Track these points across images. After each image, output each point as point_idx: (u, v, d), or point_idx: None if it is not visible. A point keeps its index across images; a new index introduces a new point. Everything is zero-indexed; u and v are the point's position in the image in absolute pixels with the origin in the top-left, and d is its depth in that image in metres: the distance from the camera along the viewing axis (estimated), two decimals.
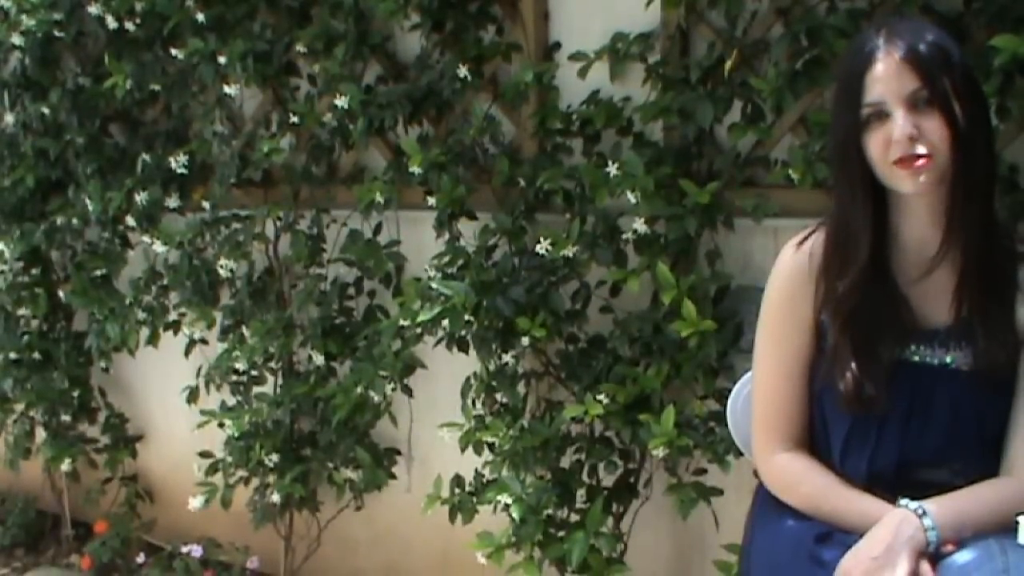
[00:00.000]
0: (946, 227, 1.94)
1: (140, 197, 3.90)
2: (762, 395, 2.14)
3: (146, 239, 3.90)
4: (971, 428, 1.95)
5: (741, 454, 2.46)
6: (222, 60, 3.63)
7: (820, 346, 2.05)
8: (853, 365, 1.96)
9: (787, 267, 2.09)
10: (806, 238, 2.08)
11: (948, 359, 1.97)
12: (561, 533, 2.94)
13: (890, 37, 1.89)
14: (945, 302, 1.98)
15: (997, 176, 2.08)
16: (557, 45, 3.22)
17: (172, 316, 4.00)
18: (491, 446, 3.10)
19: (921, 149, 1.86)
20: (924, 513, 1.82)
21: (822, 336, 2.04)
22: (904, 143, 1.86)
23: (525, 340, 3.03)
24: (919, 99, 1.87)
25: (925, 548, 1.81)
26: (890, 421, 1.96)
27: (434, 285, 3.04)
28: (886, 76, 1.87)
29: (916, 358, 1.98)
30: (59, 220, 4.24)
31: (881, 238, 1.98)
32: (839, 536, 1.92)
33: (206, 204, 3.85)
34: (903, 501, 1.86)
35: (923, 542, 1.81)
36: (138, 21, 3.86)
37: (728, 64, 2.79)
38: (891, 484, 1.96)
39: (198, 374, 3.94)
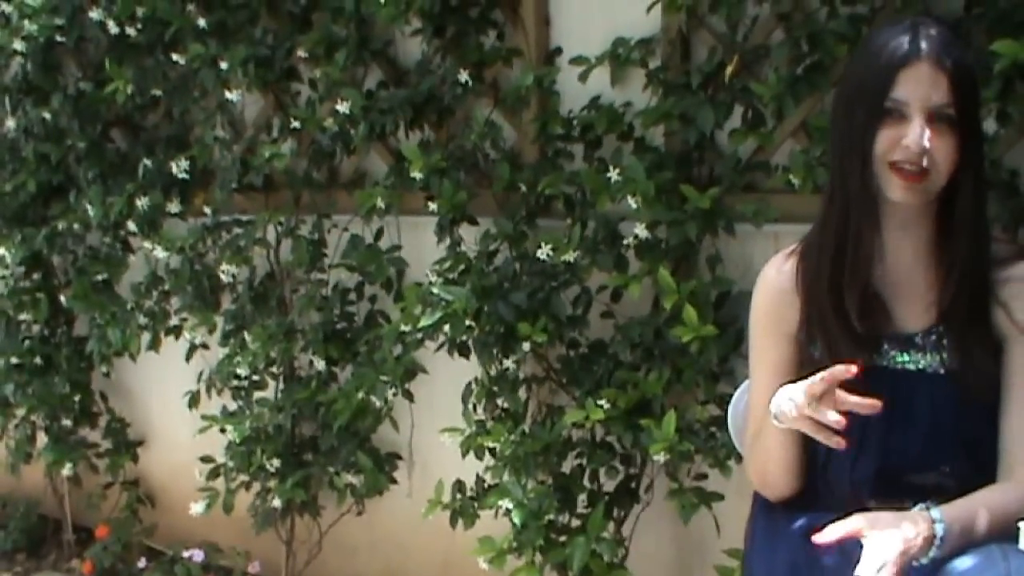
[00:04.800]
0: (937, 247, 1.96)
1: (141, 202, 3.90)
2: (753, 403, 2.15)
3: (147, 244, 3.91)
4: (953, 432, 1.95)
5: (742, 459, 2.46)
6: (223, 65, 3.63)
7: (806, 356, 2.05)
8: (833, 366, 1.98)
9: (769, 285, 2.11)
10: (788, 256, 2.09)
11: (923, 363, 1.97)
12: (562, 538, 2.94)
13: (932, 43, 1.86)
14: (922, 306, 1.98)
15: (987, 197, 2.07)
16: (558, 50, 3.22)
17: (173, 321, 4.01)
18: (492, 451, 3.10)
19: (925, 164, 1.86)
20: (928, 508, 1.80)
21: (808, 345, 2.05)
22: (914, 153, 1.85)
23: (526, 345, 3.03)
24: (941, 115, 1.85)
25: (932, 536, 1.76)
26: (871, 427, 1.96)
27: (435, 290, 3.04)
28: (920, 81, 1.85)
29: (894, 363, 1.99)
30: (60, 225, 4.25)
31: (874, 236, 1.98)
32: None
33: (207, 209, 3.86)
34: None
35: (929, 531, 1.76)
36: (139, 26, 3.86)
37: (729, 69, 2.80)
38: (875, 490, 1.97)
39: (199, 379, 3.95)
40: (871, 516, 1.76)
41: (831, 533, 1.74)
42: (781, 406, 1.88)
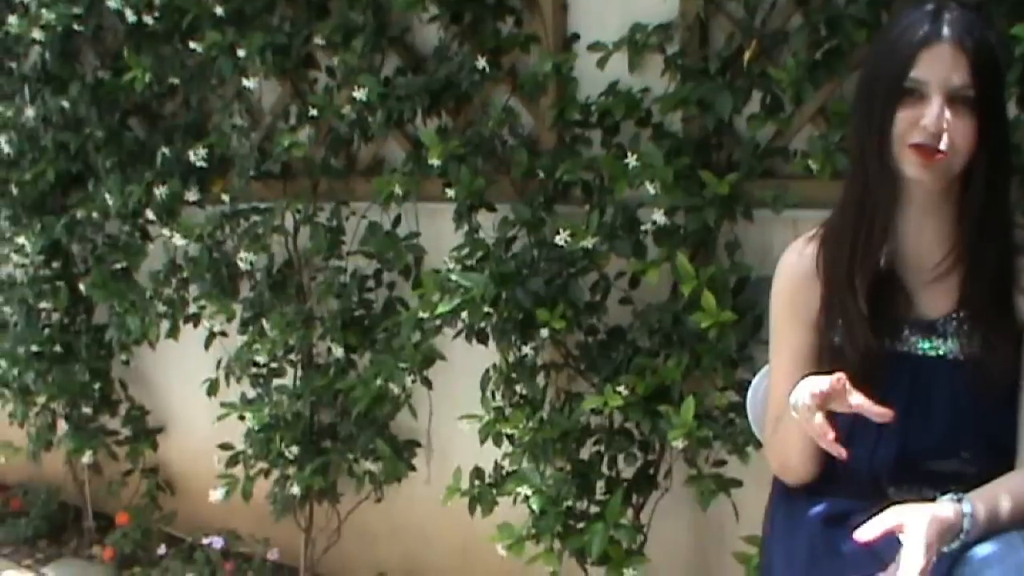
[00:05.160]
0: (957, 231, 1.95)
1: (160, 190, 3.91)
2: (773, 393, 2.15)
3: (166, 232, 3.92)
4: (973, 418, 1.94)
5: (761, 445, 2.45)
6: (241, 53, 3.63)
7: (826, 341, 2.05)
8: (852, 351, 1.97)
9: (791, 269, 2.11)
10: (809, 240, 2.09)
11: (943, 350, 1.97)
12: (581, 525, 2.94)
13: (954, 25, 1.85)
14: (943, 292, 1.98)
15: (1010, 181, 2.06)
16: (576, 36, 3.21)
17: (192, 309, 4.02)
18: (510, 438, 3.10)
19: (942, 145, 1.85)
20: (960, 499, 1.78)
21: (828, 329, 2.04)
22: (932, 133, 1.84)
23: (544, 332, 3.03)
24: (960, 96, 1.84)
25: (959, 530, 1.76)
26: None
27: (453, 277, 3.04)
28: (940, 62, 1.84)
29: (914, 349, 1.98)
30: (79, 214, 4.26)
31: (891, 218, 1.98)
32: (852, 521, 1.93)
33: (225, 197, 3.86)
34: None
35: (958, 524, 1.76)
36: (157, 14, 3.86)
37: (747, 55, 2.79)
38: (895, 476, 1.97)
39: (218, 366, 3.96)
40: (905, 511, 1.72)
41: (870, 530, 1.71)
42: (799, 399, 1.87)
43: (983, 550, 1.76)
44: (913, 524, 1.69)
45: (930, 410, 1.95)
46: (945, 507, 1.74)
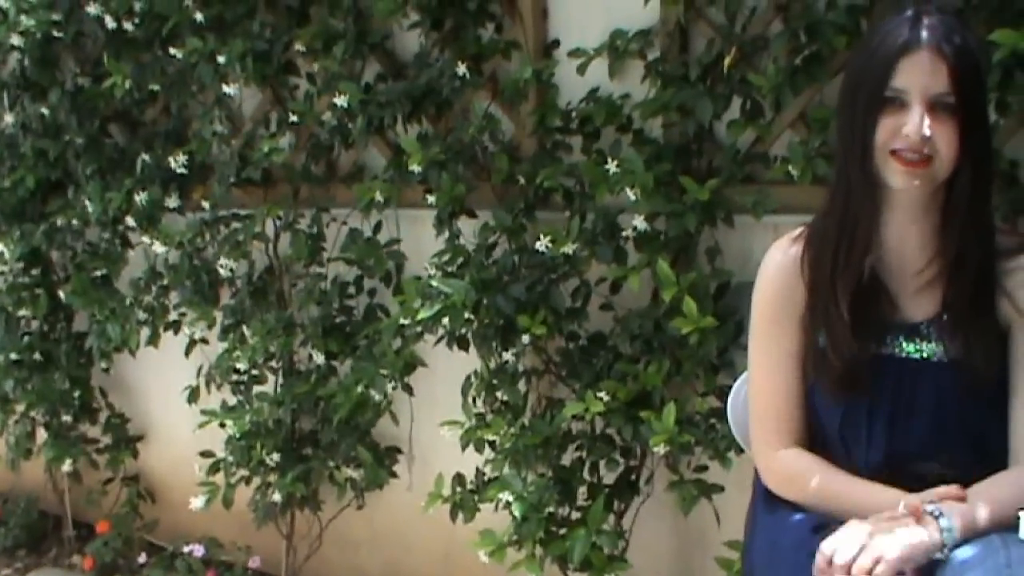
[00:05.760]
0: (940, 236, 1.96)
1: (140, 197, 3.90)
2: (758, 394, 2.14)
3: (146, 239, 3.90)
4: (956, 420, 1.95)
5: (742, 451, 2.46)
6: (221, 60, 3.62)
7: (811, 342, 2.05)
8: (836, 356, 1.97)
9: (775, 267, 2.10)
10: (794, 240, 2.09)
11: (927, 352, 1.98)
12: (563, 531, 2.94)
13: (933, 32, 1.86)
14: (927, 296, 1.99)
15: (992, 186, 2.07)
16: (556, 42, 3.22)
17: (172, 316, 4.00)
18: (492, 444, 3.10)
19: (925, 152, 1.86)
20: (940, 515, 1.78)
21: (813, 332, 2.04)
22: (914, 141, 1.85)
23: (525, 338, 3.03)
24: (941, 103, 1.85)
25: (940, 548, 1.76)
26: (877, 415, 1.96)
27: (434, 283, 3.04)
28: (920, 69, 1.85)
29: (898, 351, 1.99)
30: (59, 221, 4.24)
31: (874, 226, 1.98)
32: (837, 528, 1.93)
33: (206, 204, 3.85)
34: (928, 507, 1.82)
35: (938, 543, 1.77)
36: (137, 21, 3.86)
37: (727, 61, 2.80)
38: (882, 479, 1.96)
39: (199, 374, 3.94)
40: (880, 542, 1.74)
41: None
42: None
43: (964, 552, 1.76)
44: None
45: (914, 412, 1.96)
46: (926, 533, 1.76)
